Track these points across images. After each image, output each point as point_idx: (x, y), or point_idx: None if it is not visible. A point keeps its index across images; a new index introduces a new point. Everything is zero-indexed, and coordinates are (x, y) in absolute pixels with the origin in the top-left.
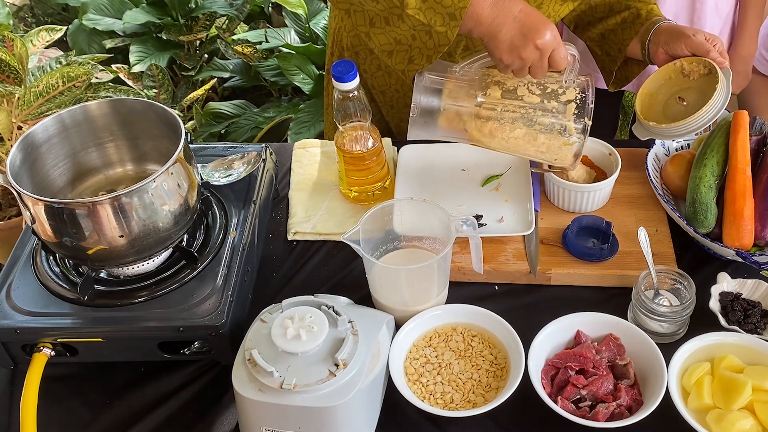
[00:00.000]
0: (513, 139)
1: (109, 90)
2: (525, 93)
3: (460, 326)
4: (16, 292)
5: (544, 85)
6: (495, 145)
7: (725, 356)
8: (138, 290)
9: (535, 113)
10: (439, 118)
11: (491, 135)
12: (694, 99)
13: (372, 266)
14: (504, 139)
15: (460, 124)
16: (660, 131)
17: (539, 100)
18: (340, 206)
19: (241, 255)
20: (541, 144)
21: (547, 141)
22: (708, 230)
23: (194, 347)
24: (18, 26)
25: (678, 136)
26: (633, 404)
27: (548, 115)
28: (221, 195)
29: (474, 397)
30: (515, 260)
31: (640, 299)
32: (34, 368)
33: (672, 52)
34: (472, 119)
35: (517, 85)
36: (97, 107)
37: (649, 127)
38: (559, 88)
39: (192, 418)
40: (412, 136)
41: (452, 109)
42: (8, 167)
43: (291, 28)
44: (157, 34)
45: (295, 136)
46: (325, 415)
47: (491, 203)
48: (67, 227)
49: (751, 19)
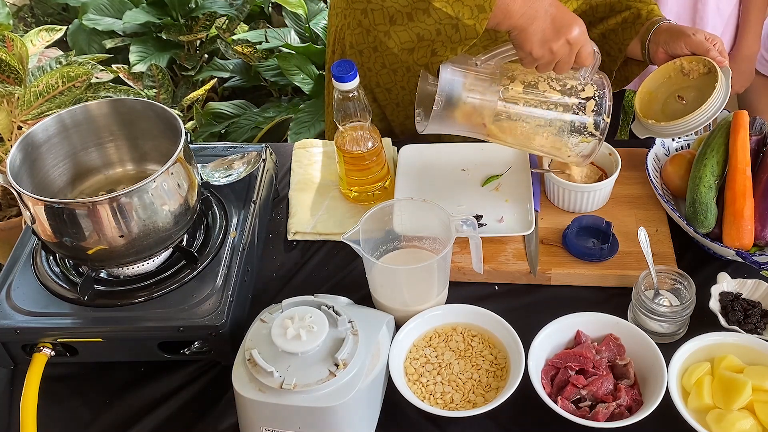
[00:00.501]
0: (532, 135)
1: (109, 90)
2: (546, 88)
3: (460, 326)
4: (16, 292)
5: (564, 81)
6: (512, 141)
7: (725, 356)
8: (138, 290)
9: (556, 109)
10: (456, 111)
11: (511, 130)
12: (693, 98)
13: (372, 266)
14: (523, 135)
15: (479, 118)
16: (659, 129)
17: (560, 96)
18: (340, 206)
19: (241, 255)
20: (559, 140)
21: (565, 138)
22: (708, 230)
23: (194, 347)
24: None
25: (677, 135)
26: (633, 404)
27: (569, 111)
28: (221, 195)
29: (474, 397)
30: (515, 260)
31: (640, 299)
32: (34, 368)
33: (672, 52)
34: (492, 113)
35: (538, 80)
36: (97, 107)
37: (648, 125)
38: (578, 84)
39: (192, 418)
40: (430, 130)
41: (472, 103)
42: (8, 167)
43: (291, 28)
44: (157, 34)
45: (295, 136)
46: (325, 415)
47: (491, 203)
48: (67, 227)
49: (754, 19)
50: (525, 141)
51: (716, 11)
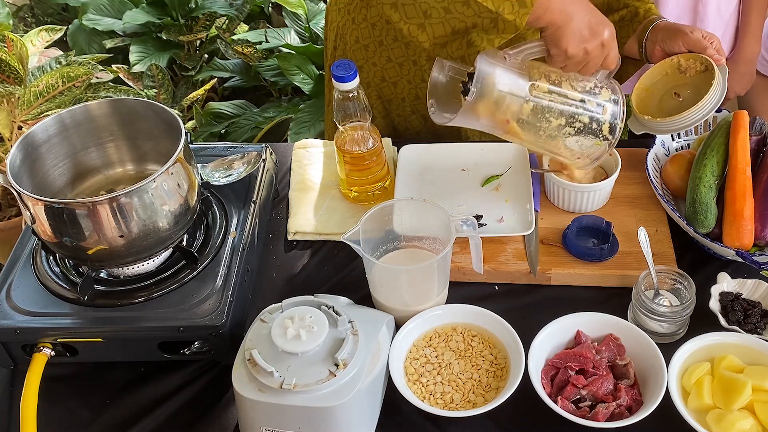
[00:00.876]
0: (551, 134)
1: (109, 90)
2: (569, 89)
3: (460, 326)
4: (16, 292)
5: (583, 83)
6: (531, 139)
7: (725, 356)
8: (138, 290)
9: (578, 110)
10: (482, 103)
11: (532, 127)
12: (689, 95)
13: (372, 266)
14: (545, 132)
15: (503, 114)
16: (655, 125)
17: (581, 97)
18: (340, 206)
19: (241, 255)
20: (575, 141)
21: (582, 139)
22: (708, 230)
23: (194, 347)
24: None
25: (673, 131)
26: (633, 404)
27: (589, 112)
28: (221, 195)
29: (474, 397)
30: (515, 260)
31: (640, 299)
32: (34, 368)
33: (669, 50)
34: (519, 108)
35: (561, 79)
36: (97, 107)
37: (645, 121)
38: (595, 87)
39: (192, 418)
40: (456, 122)
41: (503, 96)
42: (8, 167)
43: (291, 28)
44: (157, 34)
45: (295, 136)
46: (325, 415)
47: (491, 203)
48: (67, 227)
49: (755, 20)
50: (542, 142)
51: (716, 13)
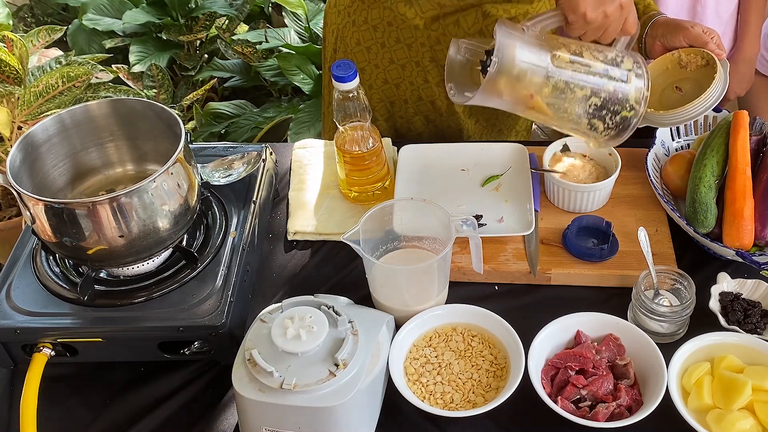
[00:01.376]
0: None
1: (109, 90)
2: (591, 58)
3: (460, 326)
4: (16, 292)
5: (605, 53)
6: (553, 114)
7: (725, 356)
8: (138, 290)
9: (602, 79)
10: (504, 78)
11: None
12: (690, 89)
13: (372, 266)
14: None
15: (526, 88)
16: (659, 118)
17: (603, 67)
18: (340, 206)
19: (241, 255)
20: (603, 112)
21: (609, 109)
22: (708, 230)
23: (194, 347)
24: (18, 26)
25: (674, 124)
26: (633, 404)
27: (613, 80)
28: (221, 195)
29: (474, 397)
30: (515, 260)
31: (640, 299)
32: (34, 368)
33: (669, 45)
34: (542, 81)
35: (582, 49)
36: (97, 107)
37: (648, 114)
38: (616, 56)
39: (192, 418)
40: (476, 101)
41: (526, 67)
42: (8, 167)
43: (291, 28)
44: (157, 34)
45: (295, 136)
46: (325, 415)
47: (491, 203)
48: (67, 227)
49: (753, 21)
50: (567, 114)
51: (715, 14)
